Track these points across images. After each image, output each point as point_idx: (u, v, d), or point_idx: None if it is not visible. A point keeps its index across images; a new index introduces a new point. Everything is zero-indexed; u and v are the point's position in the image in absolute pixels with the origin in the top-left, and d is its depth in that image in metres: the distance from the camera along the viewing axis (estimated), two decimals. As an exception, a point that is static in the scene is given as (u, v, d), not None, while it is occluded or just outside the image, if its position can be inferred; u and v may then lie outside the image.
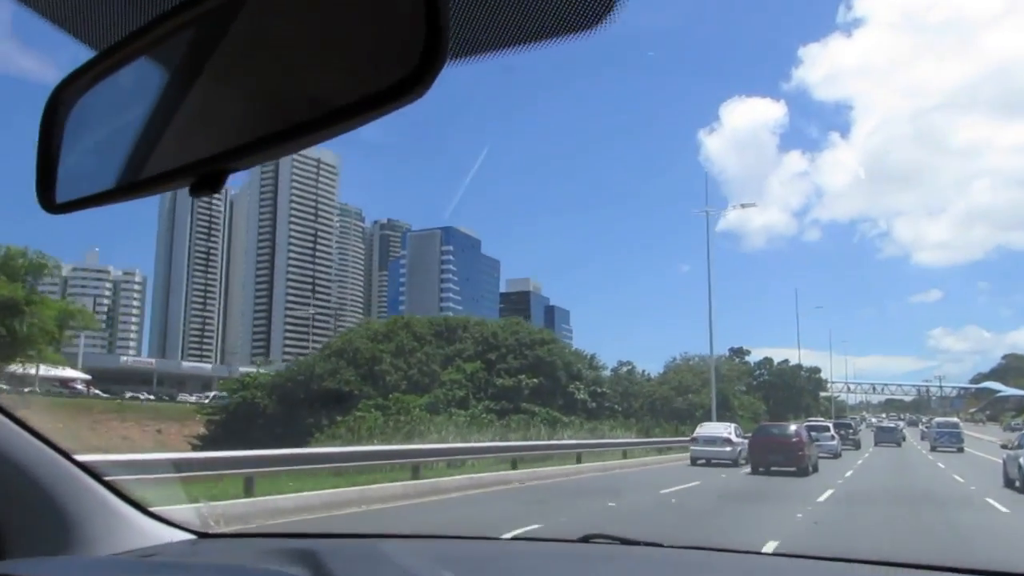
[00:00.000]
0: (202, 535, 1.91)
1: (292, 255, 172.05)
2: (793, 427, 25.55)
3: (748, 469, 24.20)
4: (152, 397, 76.50)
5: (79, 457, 1.62)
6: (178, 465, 11.73)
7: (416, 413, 38.98)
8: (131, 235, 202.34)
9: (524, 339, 52.90)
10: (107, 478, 1.68)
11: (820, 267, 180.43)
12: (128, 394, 71.47)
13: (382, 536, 2.47)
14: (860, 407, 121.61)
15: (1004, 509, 14.89)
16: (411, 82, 0.69)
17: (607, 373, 62.26)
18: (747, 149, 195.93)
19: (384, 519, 11.86)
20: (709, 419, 38.41)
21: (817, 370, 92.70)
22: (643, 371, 68.20)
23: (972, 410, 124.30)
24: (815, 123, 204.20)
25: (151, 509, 1.80)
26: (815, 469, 23.40)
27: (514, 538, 3.23)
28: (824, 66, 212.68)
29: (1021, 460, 17.35)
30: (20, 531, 0.50)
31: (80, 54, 0.99)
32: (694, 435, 29.70)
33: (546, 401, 49.08)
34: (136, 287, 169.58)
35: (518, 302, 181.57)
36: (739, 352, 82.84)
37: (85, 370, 72.61)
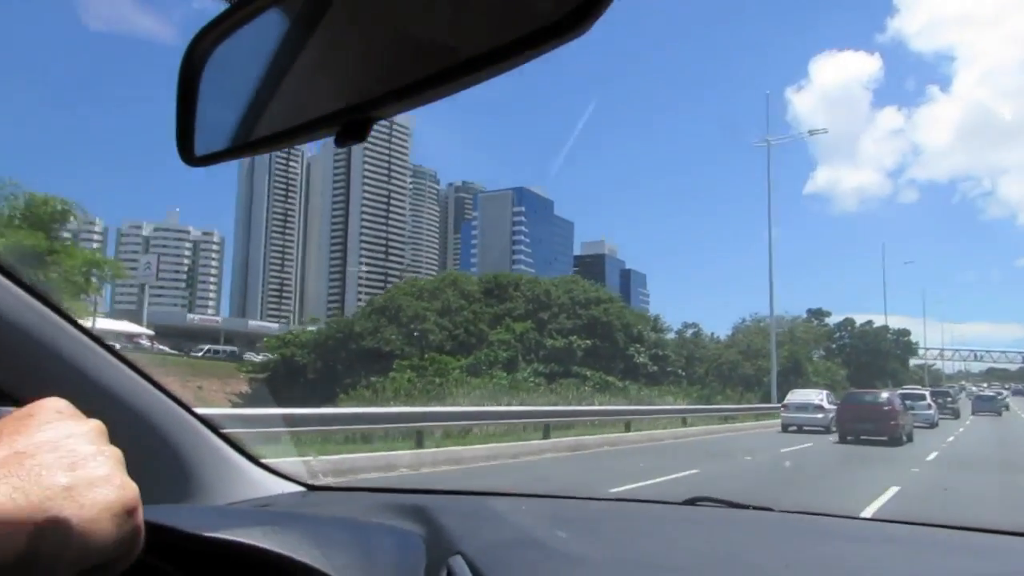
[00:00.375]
0: (311, 487, 1.98)
1: (365, 216, 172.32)
2: (885, 394, 24.26)
3: (835, 438, 23.12)
4: (220, 353, 76.74)
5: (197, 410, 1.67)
6: (287, 420, 12.56)
7: (455, 375, 36.57)
8: (210, 196, 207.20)
9: (579, 297, 49.62)
10: (223, 431, 1.75)
11: (916, 229, 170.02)
12: (201, 350, 71.77)
13: (490, 494, 2.33)
14: (959, 376, 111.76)
15: None
16: (573, 18, 0.60)
17: (671, 336, 58.66)
18: (838, 106, 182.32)
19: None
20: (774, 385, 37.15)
21: (906, 333, 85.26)
22: (711, 333, 64.01)
23: None
24: (912, 76, 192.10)
25: (262, 461, 1.86)
26: (909, 439, 22.27)
27: (618, 499, 2.65)
28: (923, 15, 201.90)
29: None
30: (141, 479, 0.48)
31: (212, 6, 0.99)
32: (784, 401, 29.51)
33: (602, 364, 45.88)
34: (215, 247, 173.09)
35: (592, 265, 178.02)
36: (818, 314, 76.75)
37: (152, 326, 72.84)
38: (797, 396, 29.52)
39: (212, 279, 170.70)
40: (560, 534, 1.68)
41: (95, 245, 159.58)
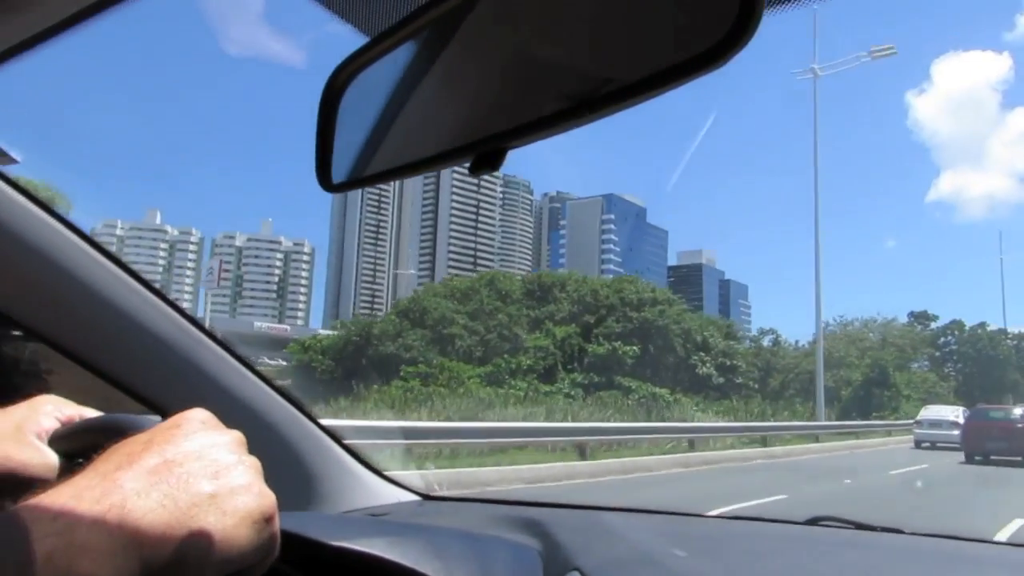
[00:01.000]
0: (427, 497, 2.01)
1: (454, 227, 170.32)
2: (1019, 410, 22.43)
3: (962, 457, 21.15)
4: (283, 362, 74.84)
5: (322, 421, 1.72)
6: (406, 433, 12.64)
7: (471, 384, 31.92)
8: (304, 208, 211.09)
9: (630, 298, 43.81)
10: (345, 441, 1.80)
11: None
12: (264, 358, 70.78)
13: (603, 508, 2.28)
14: None
15: None
16: (716, 51, 0.58)
17: (747, 344, 52.12)
18: (963, 109, 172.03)
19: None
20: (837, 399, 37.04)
21: None
22: (795, 341, 56.78)
23: None
24: None
25: (381, 471, 1.91)
26: None
27: (736, 517, 2.75)
28: None
29: None
30: (272, 487, 0.54)
31: (354, 40, 1.03)
32: (918, 418, 28.88)
33: (656, 374, 40.06)
34: (305, 257, 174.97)
35: (689, 275, 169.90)
36: (922, 317, 67.03)
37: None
38: (931, 412, 28.53)
39: (303, 289, 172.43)
40: (678, 553, 1.67)
41: (191, 254, 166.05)
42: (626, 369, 39.58)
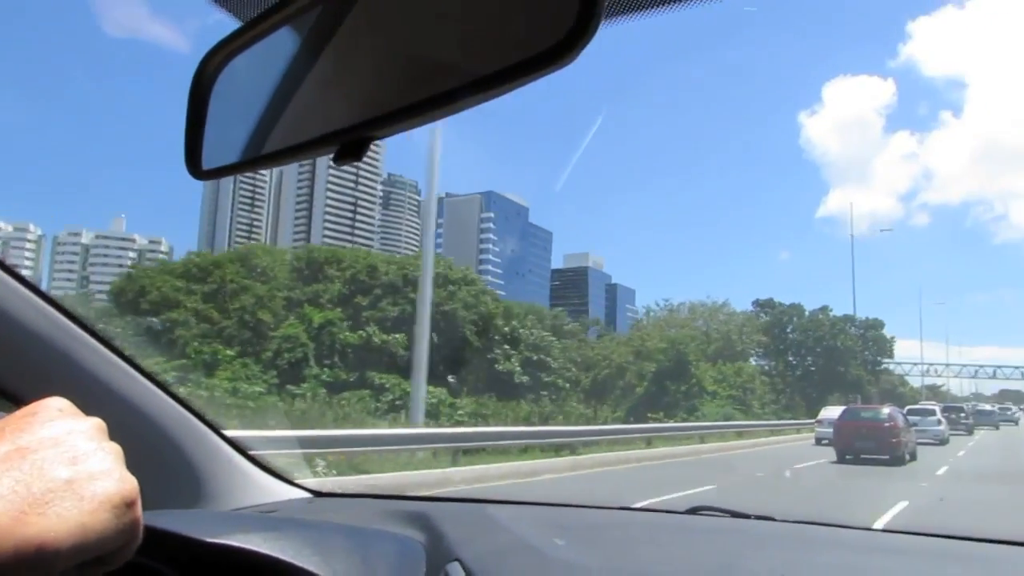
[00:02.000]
0: (318, 494, 2.03)
1: (328, 225, 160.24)
2: (887, 410, 22.65)
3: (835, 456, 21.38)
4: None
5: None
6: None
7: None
8: (167, 206, 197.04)
9: (416, 277, 36.15)
10: (229, 435, 1.78)
11: (929, 253, 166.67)
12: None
13: (494, 501, 2.38)
14: (971, 397, 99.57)
15: None
16: (560, 49, 0.64)
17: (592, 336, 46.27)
18: (851, 130, 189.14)
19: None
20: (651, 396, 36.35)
21: (878, 325, 62.21)
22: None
23: None
24: (925, 102, 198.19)
25: (272, 469, 1.90)
26: (912, 458, 21.22)
27: (621, 508, 2.55)
28: (934, 41, 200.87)
29: None
30: (150, 484, 0.58)
31: (225, 24, 1.03)
32: (818, 417, 29.42)
33: (436, 370, 32.39)
34: (162, 255, 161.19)
35: (574, 278, 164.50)
36: (767, 305, 59.15)
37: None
38: (829, 412, 28.37)
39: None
40: (558, 542, 1.71)
41: (28, 252, 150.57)
42: (398, 363, 31.84)
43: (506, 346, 38.04)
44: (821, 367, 55.13)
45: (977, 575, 1.63)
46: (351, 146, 0.80)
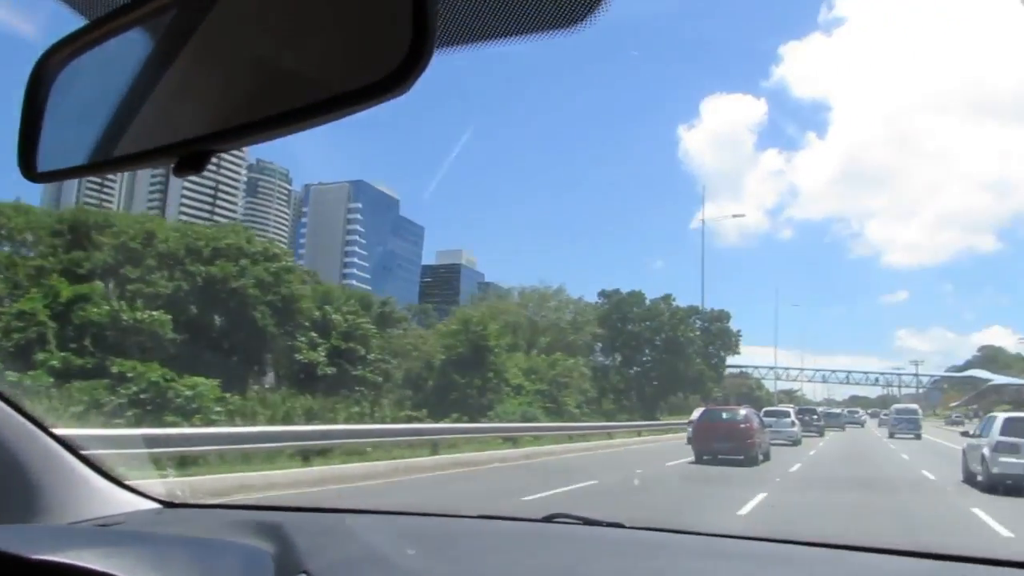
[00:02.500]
0: (168, 504, 1.99)
1: (187, 203, 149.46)
2: (743, 411, 22.88)
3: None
4: None
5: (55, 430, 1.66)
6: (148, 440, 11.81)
7: None
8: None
9: (198, 247, 31.00)
10: (82, 451, 1.72)
11: (792, 265, 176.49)
12: None
13: (349, 511, 2.44)
14: (824, 402, 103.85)
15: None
16: (397, 77, 0.70)
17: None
18: (725, 146, 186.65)
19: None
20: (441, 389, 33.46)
21: (724, 317, 56.81)
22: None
23: (954, 404, 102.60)
24: (793, 122, 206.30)
25: (120, 479, 1.85)
26: (766, 458, 21.74)
27: (480, 516, 2.59)
28: (803, 65, 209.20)
29: (985, 451, 14.72)
30: None
31: (70, 21, 0.98)
32: (691, 418, 28.65)
33: (217, 358, 27.51)
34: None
35: (446, 275, 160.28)
36: (613, 295, 53.47)
37: None
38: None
39: None
40: (410, 551, 1.73)
41: None
42: (164, 347, 26.65)
43: (313, 334, 33.43)
44: (660, 362, 50.29)
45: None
46: (191, 158, 0.79)
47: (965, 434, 19.78)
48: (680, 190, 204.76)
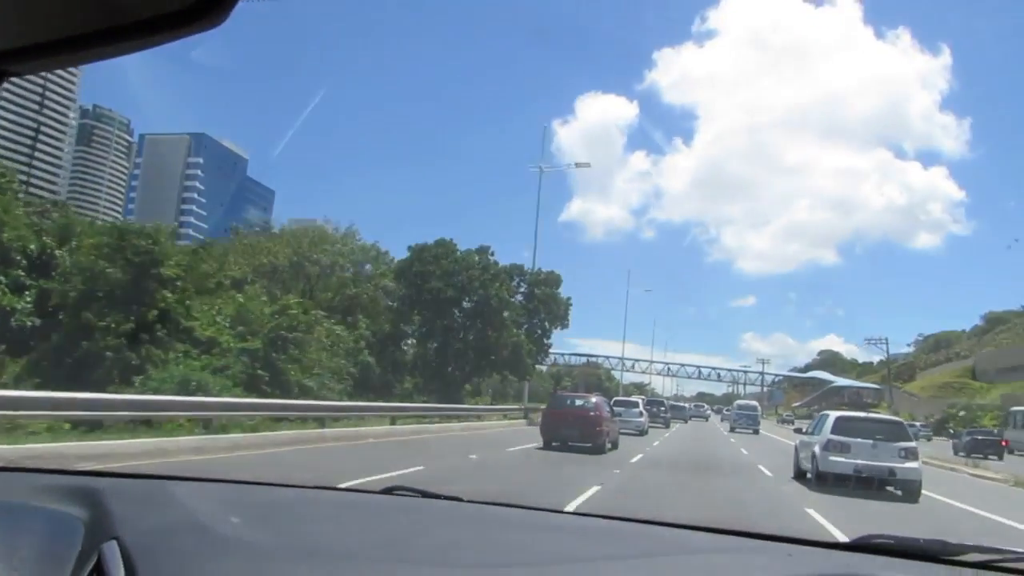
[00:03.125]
0: None
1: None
2: (594, 399, 22.86)
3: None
4: None
5: None
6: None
7: None
8: None
9: None
10: None
11: (653, 265, 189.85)
12: None
13: (172, 478, 2.27)
14: (674, 397, 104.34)
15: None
16: (209, 4, 0.66)
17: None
18: (597, 144, 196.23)
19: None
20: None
21: (554, 281, 43.90)
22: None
23: (796, 404, 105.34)
24: (662, 127, 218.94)
25: None
26: (614, 446, 21.77)
27: (316, 487, 2.53)
28: (675, 73, 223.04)
29: (816, 449, 14.82)
30: None
31: None
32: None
33: None
34: None
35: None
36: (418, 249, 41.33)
37: None
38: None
39: None
40: (233, 520, 1.66)
41: None
42: None
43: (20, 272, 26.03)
44: (470, 331, 39.80)
45: (639, 551, 1.73)
46: None
47: (799, 431, 20.33)
48: (551, 183, 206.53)
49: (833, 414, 15.97)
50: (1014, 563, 1.63)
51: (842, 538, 2.24)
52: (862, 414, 18.40)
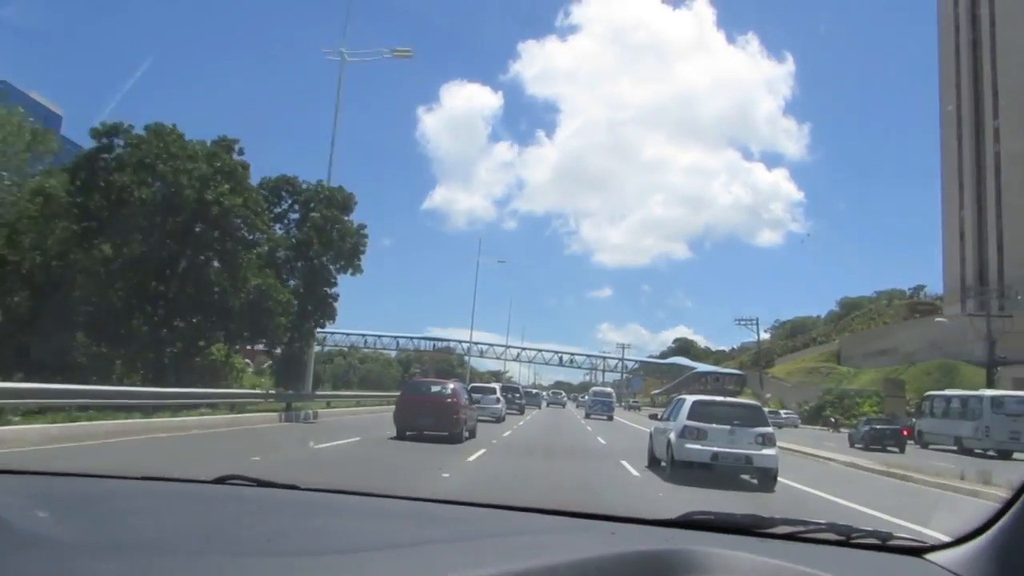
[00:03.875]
0: None
1: None
2: (451, 385, 21.51)
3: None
4: None
5: None
6: None
7: None
8: None
9: None
10: None
11: (514, 255, 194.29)
12: None
13: None
14: (533, 385, 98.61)
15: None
16: None
17: None
18: (461, 132, 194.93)
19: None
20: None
21: (343, 201, 29.64)
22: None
23: (655, 391, 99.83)
24: (525, 118, 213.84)
25: None
26: (472, 435, 20.70)
27: (142, 478, 2.34)
28: (538, 65, 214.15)
29: (672, 436, 14.13)
30: None
31: None
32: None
33: None
34: None
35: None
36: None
37: None
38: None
39: None
40: (40, 514, 1.58)
41: None
42: None
43: None
44: (177, 262, 24.75)
45: (468, 534, 1.75)
46: None
47: (653, 417, 18.96)
48: (415, 171, 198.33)
49: (689, 399, 15.14)
50: (815, 533, 1.78)
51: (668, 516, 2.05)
52: (719, 398, 16.50)
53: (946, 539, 1.63)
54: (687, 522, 1.83)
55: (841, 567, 1.54)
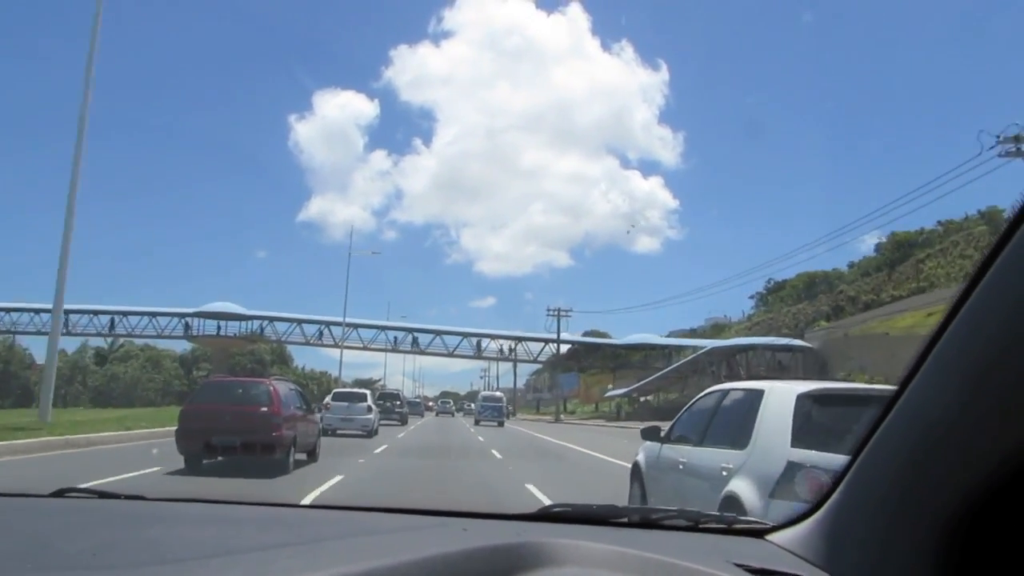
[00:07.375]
0: None
1: None
2: (273, 384, 14.49)
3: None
4: None
5: None
6: None
7: None
8: None
9: None
10: None
11: (395, 266, 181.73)
12: None
13: None
14: (418, 397, 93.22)
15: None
16: None
17: None
18: (336, 141, 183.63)
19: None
20: None
21: None
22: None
23: (612, 392, 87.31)
24: (401, 126, 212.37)
25: None
26: (313, 457, 15.54)
27: None
28: (412, 71, 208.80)
29: (741, 482, 7.75)
30: None
31: None
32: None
33: None
34: None
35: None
36: None
37: None
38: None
39: None
40: None
41: None
42: None
43: None
44: None
45: (320, 536, 1.70)
46: None
47: (651, 435, 9.98)
48: (288, 182, 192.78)
49: (783, 392, 7.63)
50: (666, 520, 1.86)
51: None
52: (846, 386, 9.96)
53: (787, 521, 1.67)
54: (545, 515, 1.89)
55: (686, 550, 1.56)
